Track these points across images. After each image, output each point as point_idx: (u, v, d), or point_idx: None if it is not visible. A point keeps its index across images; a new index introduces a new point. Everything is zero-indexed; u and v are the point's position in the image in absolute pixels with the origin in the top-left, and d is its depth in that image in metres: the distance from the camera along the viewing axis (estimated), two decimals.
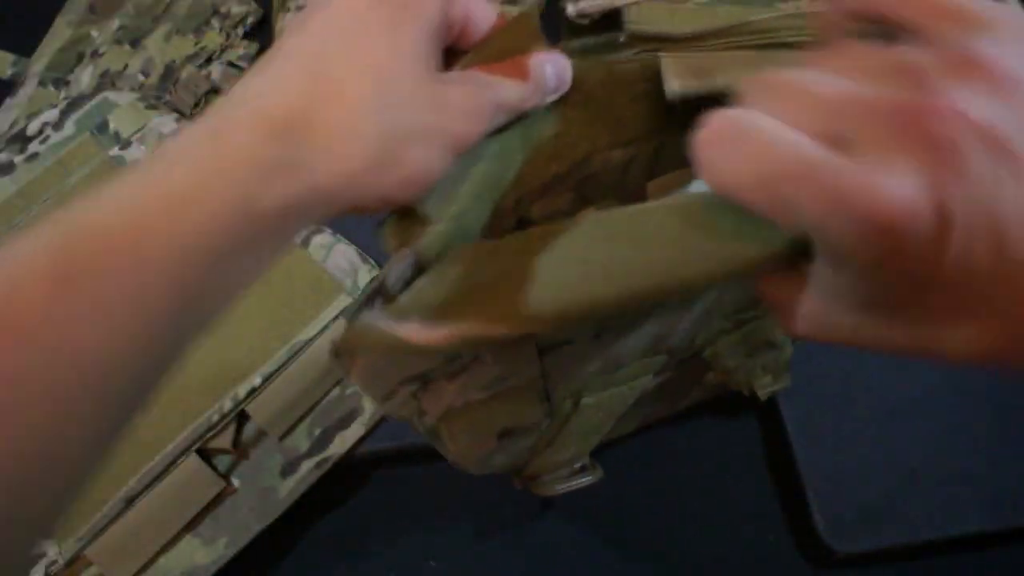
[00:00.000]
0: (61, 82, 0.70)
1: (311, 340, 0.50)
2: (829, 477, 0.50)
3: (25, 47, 0.73)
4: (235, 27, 0.77)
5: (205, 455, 0.48)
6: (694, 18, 0.36)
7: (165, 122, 0.64)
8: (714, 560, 0.51)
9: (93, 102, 0.65)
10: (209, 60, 0.74)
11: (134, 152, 0.62)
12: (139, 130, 0.63)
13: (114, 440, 0.24)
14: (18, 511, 0.21)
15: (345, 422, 0.50)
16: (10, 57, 0.73)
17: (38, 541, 0.23)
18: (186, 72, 0.71)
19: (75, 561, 0.46)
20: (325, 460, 0.49)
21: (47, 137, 0.63)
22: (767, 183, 0.20)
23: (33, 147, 0.63)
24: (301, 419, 0.50)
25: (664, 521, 0.52)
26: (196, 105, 0.70)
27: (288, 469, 0.49)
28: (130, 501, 0.47)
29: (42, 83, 0.70)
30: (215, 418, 0.49)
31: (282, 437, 0.49)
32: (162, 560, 0.47)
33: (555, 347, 0.30)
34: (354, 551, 0.50)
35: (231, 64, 0.75)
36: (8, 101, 0.70)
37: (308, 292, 0.52)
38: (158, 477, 0.47)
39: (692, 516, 0.53)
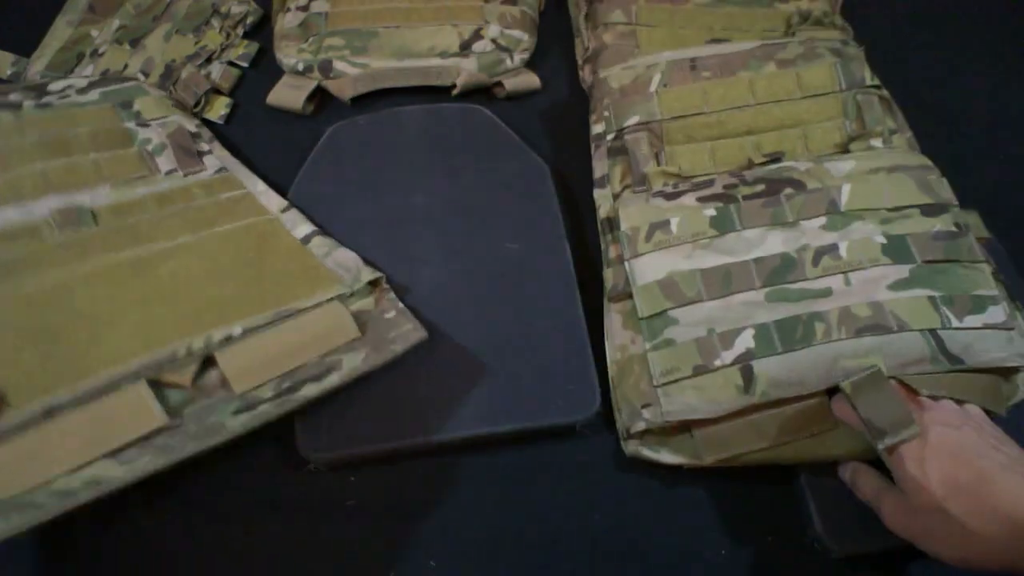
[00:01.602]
0: None
1: (302, 311, 0.51)
2: (829, 477, 0.50)
3: (25, 47, 0.73)
4: (235, 27, 0.77)
5: (156, 385, 0.46)
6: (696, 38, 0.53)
7: (187, 122, 0.64)
8: (714, 560, 0.51)
9: (126, 84, 0.66)
10: (209, 60, 0.74)
11: (150, 132, 0.63)
12: (160, 118, 0.64)
13: None
14: None
15: (318, 377, 0.49)
16: (10, 57, 0.73)
17: None
18: (186, 71, 0.71)
19: None
20: (283, 402, 0.47)
21: (67, 96, 0.64)
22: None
23: (49, 99, 0.64)
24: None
25: (664, 521, 0.52)
26: (196, 104, 0.70)
27: (244, 409, 0.47)
28: (50, 413, 0.43)
29: None
30: (181, 351, 0.47)
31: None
32: (65, 479, 0.42)
33: None
34: (354, 551, 0.50)
35: (231, 64, 0.75)
36: None
37: (302, 276, 0.53)
38: (95, 395, 0.44)
39: (692, 516, 0.53)
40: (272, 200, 0.60)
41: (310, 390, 0.48)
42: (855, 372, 0.47)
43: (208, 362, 0.48)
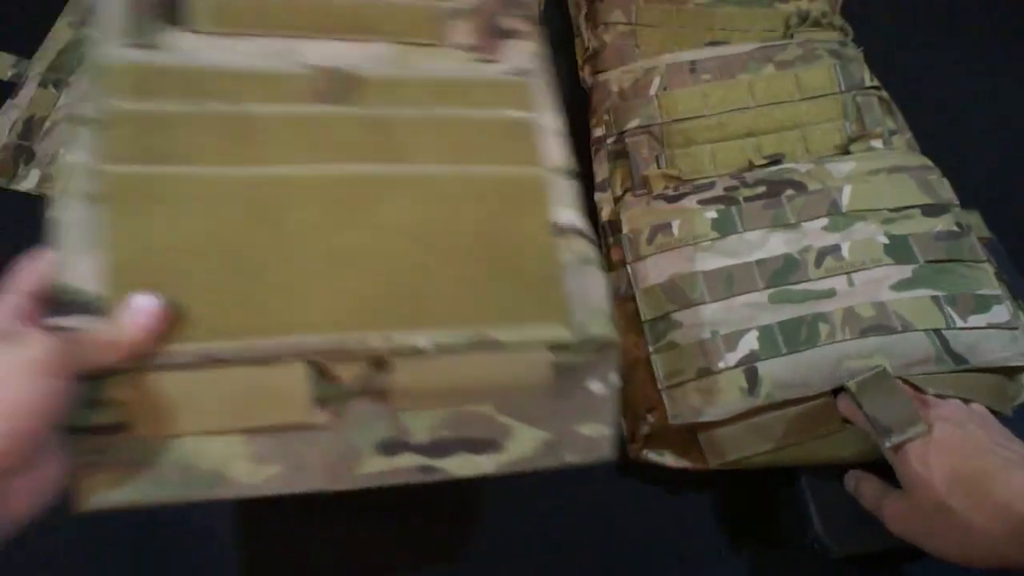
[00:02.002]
0: (62, 83, 0.70)
1: (503, 346, 0.39)
2: (829, 478, 0.50)
3: (26, 49, 0.73)
4: None
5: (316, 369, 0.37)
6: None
7: None
8: (714, 560, 0.51)
9: None
10: None
11: None
12: None
13: None
14: None
15: (477, 446, 0.40)
16: (11, 59, 0.72)
17: None
18: None
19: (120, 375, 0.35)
20: (428, 469, 0.39)
21: None
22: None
23: None
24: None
25: (663, 521, 0.52)
26: None
27: (387, 447, 0.39)
28: (214, 361, 0.36)
29: (43, 85, 0.70)
30: (354, 344, 0.38)
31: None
32: (193, 443, 0.37)
33: None
34: (355, 552, 0.50)
35: None
36: (9, 102, 0.70)
37: (528, 290, 0.41)
38: (258, 361, 0.37)
39: (692, 517, 0.53)
40: (554, 149, 0.45)
41: (456, 464, 0.39)
42: (860, 372, 0.47)
43: (379, 364, 0.38)
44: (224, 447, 0.37)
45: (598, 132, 0.63)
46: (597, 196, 0.61)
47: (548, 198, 0.43)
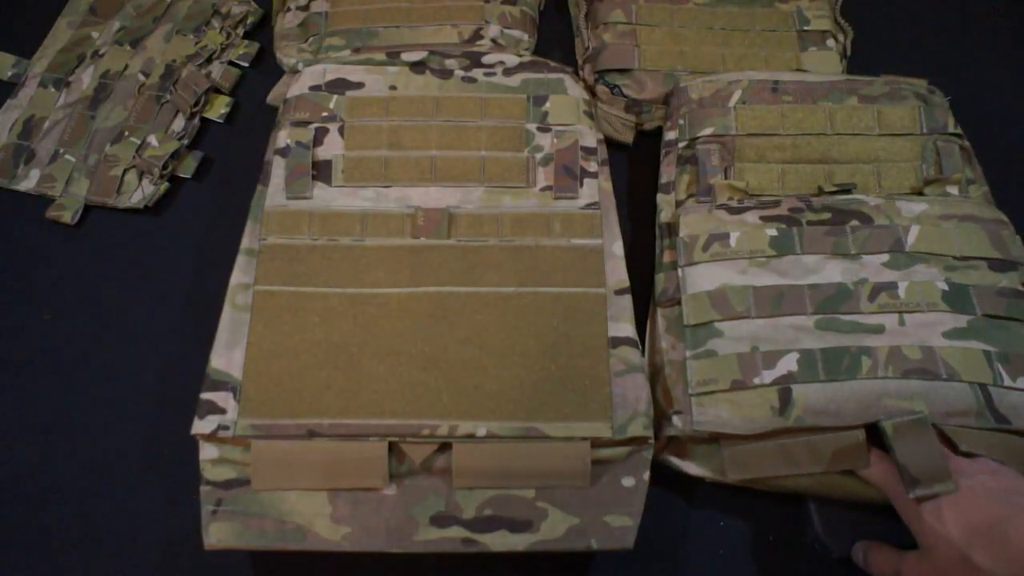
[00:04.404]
0: (62, 83, 0.71)
1: (548, 437, 0.48)
2: None
3: (25, 48, 0.73)
4: (235, 27, 0.77)
5: (390, 447, 0.48)
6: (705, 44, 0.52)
7: (589, 136, 0.61)
8: (714, 559, 0.51)
9: (551, 75, 0.63)
10: (209, 60, 0.74)
11: (545, 139, 0.60)
12: (563, 126, 0.61)
13: None
14: None
15: (515, 525, 0.47)
16: (11, 58, 0.73)
17: None
18: (187, 71, 0.71)
19: (240, 440, 0.48)
20: (470, 542, 0.46)
21: (493, 74, 0.64)
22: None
23: (477, 72, 0.63)
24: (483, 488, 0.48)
25: (663, 521, 0.52)
26: (196, 103, 0.70)
27: (440, 520, 0.47)
28: (312, 434, 0.48)
29: (43, 84, 0.70)
30: (425, 431, 0.48)
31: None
32: (292, 497, 0.47)
33: None
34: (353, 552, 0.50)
35: (231, 63, 0.75)
36: (9, 102, 0.70)
37: (578, 393, 0.49)
38: (346, 436, 0.48)
39: (691, 516, 0.53)
40: (616, 271, 0.55)
41: (494, 539, 0.46)
42: (897, 413, 0.47)
43: (445, 444, 0.48)
44: (311, 506, 0.47)
45: (671, 135, 0.63)
46: (659, 197, 0.61)
47: (607, 314, 0.52)
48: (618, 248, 0.56)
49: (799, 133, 0.60)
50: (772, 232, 0.54)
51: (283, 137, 0.59)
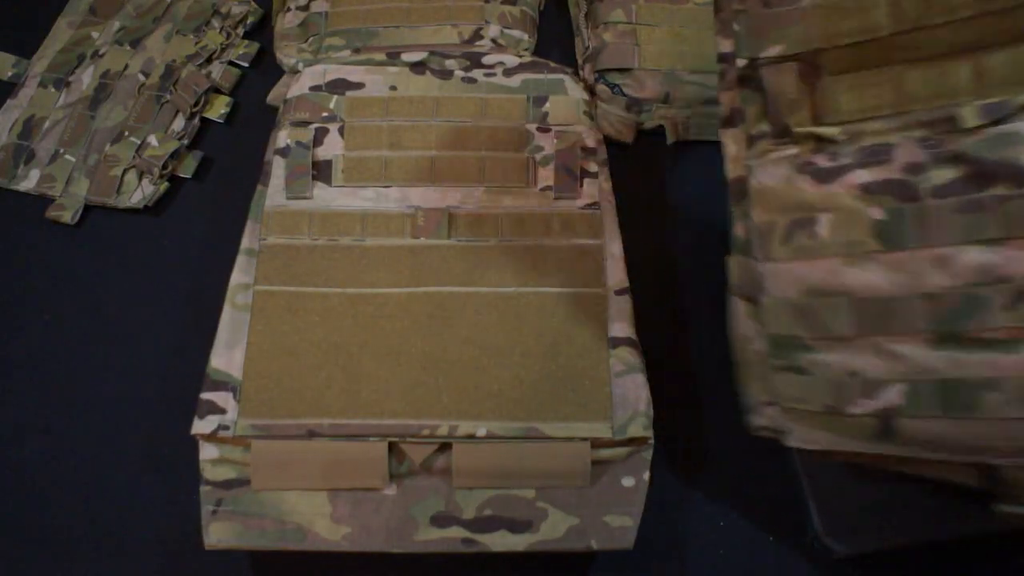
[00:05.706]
0: (62, 83, 0.71)
1: (547, 438, 0.48)
2: (828, 478, 0.50)
3: (26, 49, 0.73)
4: (235, 27, 0.77)
5: (390, 447, 0.48)
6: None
7: (589, 136, 0.61)
8: (714, 559, 0.51)
9: (551, 75, 0.63)
10: (209, 60, 0.74)
11: (545, 140, 0.60)
12: (563, 126, 0.61)
13: None
14: None
15: (515, 526, 0.47)
16: (11, 58, 0.73)
17: None
18: (187, 71, 0.71)
19: (240, 440, 0.48)
20: (470, 542, 0.47)
21: (494, 74, 0.63)
22: None
23: (477, 73, 0.63)
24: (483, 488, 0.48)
25: (663, 521, 0.52)
26: (196, 103, 0.70)
27: (440, 520, 0.47)
28: (312, 434, 0.48)
29: (43, 84, 0.70)
30: (424, 431, 0.48)
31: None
32: (293, 497, 0.47)
33: None
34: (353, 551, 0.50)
35: (231, 64, 0.75)
36: (9, 102, 0.70)
37: (578, 393, 0.49)
38: (346, 436, 0.48)
39: (691, 516, 0.53)
40: (616, 271, 0.54)
41: (494, 539, 0.47)
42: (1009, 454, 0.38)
43: (445, 445, 0.48)
44: (311, 506, 0.47)
45: (725, 46, 0.45)
46: (722, 132, 0.46)
47: (607, 314, 0.52)
48: (618, 248, 0.56)
49: (919, 26, 0.38)
50: (877, 214, 0.38)
51: (283, 137, 0.59)
